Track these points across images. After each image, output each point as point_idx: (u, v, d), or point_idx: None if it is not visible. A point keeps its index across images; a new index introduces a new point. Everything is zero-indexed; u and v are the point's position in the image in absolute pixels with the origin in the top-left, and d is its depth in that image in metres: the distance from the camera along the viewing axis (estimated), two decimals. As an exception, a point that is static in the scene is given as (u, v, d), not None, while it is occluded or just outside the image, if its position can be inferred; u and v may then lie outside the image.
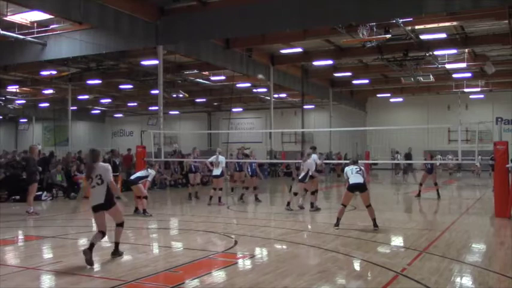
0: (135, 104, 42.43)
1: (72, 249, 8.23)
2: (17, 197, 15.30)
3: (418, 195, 15.89)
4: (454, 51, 23.42)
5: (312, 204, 12.66)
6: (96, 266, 6.84)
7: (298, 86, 30.48)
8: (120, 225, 7.26)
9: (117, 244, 7.26)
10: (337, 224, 9.72)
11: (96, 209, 7.00)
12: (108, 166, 7.11)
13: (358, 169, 9.89)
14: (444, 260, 7.04)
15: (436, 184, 15.87)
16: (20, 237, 9.63)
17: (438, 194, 15.65)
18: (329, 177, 27.77)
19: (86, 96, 37.21)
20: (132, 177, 12.41)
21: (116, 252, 7.23)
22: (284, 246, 8.38)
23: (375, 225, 9.61)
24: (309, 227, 10.90)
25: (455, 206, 14.99)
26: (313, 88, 32.62)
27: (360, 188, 9.75)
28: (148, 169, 12.36)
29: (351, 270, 6.81)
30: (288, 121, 40.90)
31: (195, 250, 7.85)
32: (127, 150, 22.00)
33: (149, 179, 12.24)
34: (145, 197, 12.01)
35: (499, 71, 25.91)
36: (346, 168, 10.11)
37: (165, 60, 20.97)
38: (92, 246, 6.79)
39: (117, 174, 16.10)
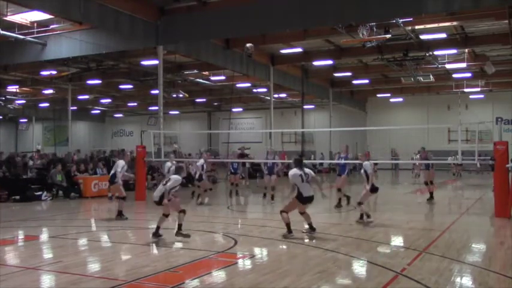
0: (135, 104, 42.40)
1: (72, 249, 8.25)
2: (17, 197, 15.31)
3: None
4: (454, 51, 23.38)
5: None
6: (96, 266, 6.85)
7: (298, 86, 30.44)
8: (181, 212, 8.59)
9: (179, 225, 8.52)
10: (290, 231, 8.74)
11: (156, 203, 8.58)
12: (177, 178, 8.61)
13: (308, 176, 8.71)
14: (444, 260, 7.04)
15: None
16: (20, 237, 9.62)
17: None
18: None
19: (86, 96, 37.21)
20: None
21: (179, 233, 8.44)
22: (284, 246, 8.37)
23: (312, 228, 8.94)
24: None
25: (455, 206, 14.98)
26: (313, 88, 32.59)
27: (311, 200, 8.86)
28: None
29: (351, 270, 6.80)
30: (288, 121, 40.86)
31: (195, 250, 7.85)
32: None
33: (118, 169, 11.47)
34: (124, 198, 11.41)
35: (499, 71, 25.87)
36: (295, 172, 8.70)
37: (165, 60, 20.94)
38: (157, 229, 8.42)
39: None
